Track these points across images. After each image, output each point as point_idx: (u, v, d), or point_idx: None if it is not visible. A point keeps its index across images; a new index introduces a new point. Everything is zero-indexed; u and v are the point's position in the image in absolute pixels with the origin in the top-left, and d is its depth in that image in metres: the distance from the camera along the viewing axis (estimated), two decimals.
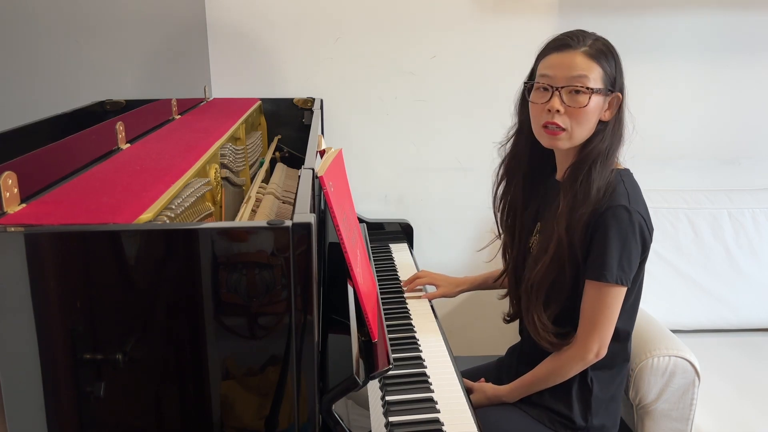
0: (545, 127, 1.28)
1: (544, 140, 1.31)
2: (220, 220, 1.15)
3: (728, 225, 2.10)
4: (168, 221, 0.79)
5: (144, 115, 1.30)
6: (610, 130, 1.29)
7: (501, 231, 1.52)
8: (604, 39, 1.31)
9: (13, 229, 0.66)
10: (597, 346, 1.29)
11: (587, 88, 1.24)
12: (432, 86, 2.20)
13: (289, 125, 2.03)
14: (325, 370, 0.98)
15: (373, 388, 1.24)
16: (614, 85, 1.28)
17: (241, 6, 2.09)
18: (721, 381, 1.78)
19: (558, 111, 1.25)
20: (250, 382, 0.74)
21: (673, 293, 2.06)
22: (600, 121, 1.29)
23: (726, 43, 2.23)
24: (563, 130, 1.26)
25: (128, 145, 1.12)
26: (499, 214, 1.51)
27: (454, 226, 2.30)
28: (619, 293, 1.27)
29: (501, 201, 1.49)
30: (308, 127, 1.74)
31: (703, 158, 2.34)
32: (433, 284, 1.72)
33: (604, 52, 1.27)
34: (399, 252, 2.03)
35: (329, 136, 2.17)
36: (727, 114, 2.31)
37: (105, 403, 0.71)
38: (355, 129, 2.22)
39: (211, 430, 0.74)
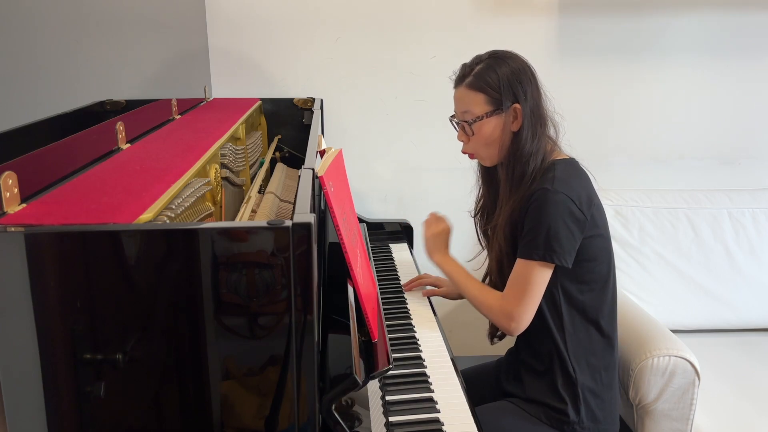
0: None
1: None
2: (220, 220, 1.15)
3: (728, 225, 2.10)
4: (168, 221, 0.79)
5: (144, 115, 1.30)
6: (518, 137, 1.35)
7: (479, 237, 1.58)
8: (494, 57, 1.37)
9: (13, 229, 0.66)
10: (514, 320, 1.32)
11: (467, 122, 1.37)
12: (432, 86, 2.20)
13: (289, 125, 2.04)
14: (325, 370, 0.98)
15: (373, 388, 1.24)
16: (503, 101, 1.34)
17: (241, 6, 2.10)
18: (721, 381, 1.78)
19: (462, 141, 1.43)
20: (250, 382, 0.74)
21: (673, 293, 2.06)
22: (514, 133, 1.36)
23: (726, 43, 2.23)
24: (474, 153, 1.43)
25: (128, 145, 1.12)
26: (477, 219, 1.57)
27: (454, 226, 2.30)
28: (544, 272, 1.30)
29: (478, 206, 1.57)
30: (308, 127, 1.74)
31: (703, 158, 2.34)
32: (435, 285, 1.72)
33: (486, 75, 1.35)
34: (399, 252, 2.03)
35: (329, 136, 2.17)
36: (726, 114, 2.31)
37: (105, 403, 0.71)
38: (355, 129, 2.22)
39: (211, 430, 0.74)
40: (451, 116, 1.45)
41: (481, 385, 1.54)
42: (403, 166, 2.27)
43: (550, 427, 1.35)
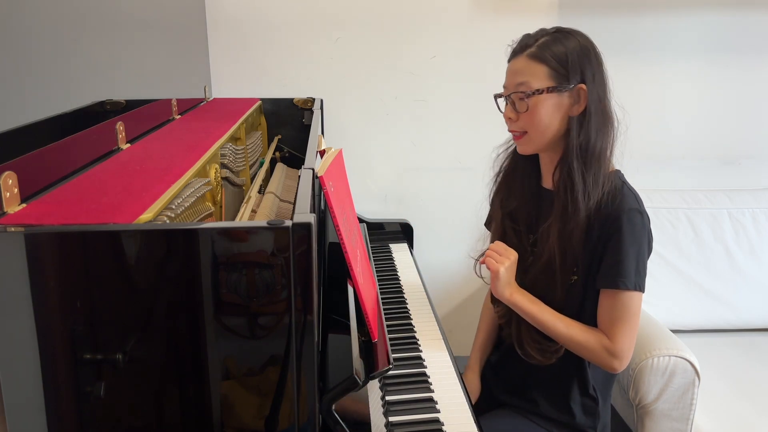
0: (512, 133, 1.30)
1: (517, 146, 1.33)
2: (220, 220, 1.15)
3: (728, 225, 2.11)
4: (168, 221, 0.79)
5: (144, 115, 1.30)
6: (579, 124, 1.22)
7: (490, 231, 1.49)
8: (564, 32, 1.24)
9: (13, 229, 0.66)
10: (623, 354, 1.23)
11: (524, 93, 1.22)
12: (432, 86, 2.20)
13: (289, 125, 2.03)
14: (325, 370, 0.98)
15: (373, 388, 1.24)
16: (570, 78, 1.20)
17: (241, 6, 2.10)
18: (721, 381, 1.78)
19: (511, 119, 1.27)
20: (250, 382, 0.74)
21: (673, 293, 2.06)
22: (574, 119, 1.22)
23: (726, 43, 2.23)
24: (524, 133, 1.27)
25: (128, 145, 1.12)
26: (493, 216, 1.47)
27: (454, 226, 2.30)
28: (639, 298, 1.23)
29: (495, 201, 1.46)
30: (308, 127, 1.74)
31: (703, 158, 2.34)
32: None
33: (552, 46, 1.21)
34: (399, 252, 2.03)
35: (329, 136, 2.17)
36: (727, 114, 2.31)
37: (105, 403, 0.71)
38: (355, 129, 2.22)
39: (211, 430, 0.74)
40: (497, 94, 1.32)
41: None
42: (403, 166, 2.27)
43: None
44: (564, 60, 1.20)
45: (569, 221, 1.23)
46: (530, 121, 1.24)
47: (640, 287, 1.21)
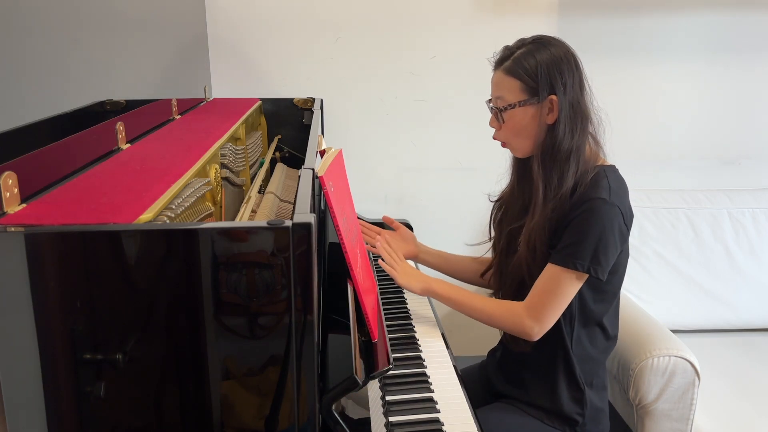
0: None
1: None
2: (220, 220, 1.15)
3: (728, 225, 2.10)
4: (168, 221, 0.79)
5: (144, 115, 1.30)
6: (550, 132, 1.29)
7: (491, 227, 1.53)
8: (537, 42, 1.29)
9: (13, 229, 0.66)
10: (538, 325, 1.28)
11: (499, 108, 1.32)
12: (432, 86, 2.20)
13: (289, 125, 2.04)
14: (325, 370, 0.98)
15: (373, 388, 1.24)
16: (539, 91, 1.27)
17: (242, 6, 2.10)
18: (721, 381, 1.78)
19: (494, 128, 1.36)
20: (250, 382, 0.74)
21: (673, 293, 2.06)
22: (549, 126, 1.29)
23: (726, 43, 2.24)
24: (505, 142, 1.37)
25: (128, 145, 1.12)
26: (495, 209, 1.52)
27: (454, 226, 2.30)
28: (579, 282, 1.26)
29: (498, 198, 1.52)
30: (308, 127, 1.74)
31: (703, 158, 2.35)
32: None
33: (524, 61, 1.28)
34: None
35: (329, 136, 2.17)
36: (727, 114, 2.32)
37: (105, 403, 0.71)
38: (355, 129, 2.22)
39: (211, 430, 0.74)
40: (488, 100, 1.38)
41: (470, 387, 1.53)
42: (403, 166, 2.27)
43: (554, 429, 1.35)
44: (534, 73, 1.27)
45: (532, 220, 1.30)
46: (509, 132, 1.33)
47: (596, 273, 1.24)
